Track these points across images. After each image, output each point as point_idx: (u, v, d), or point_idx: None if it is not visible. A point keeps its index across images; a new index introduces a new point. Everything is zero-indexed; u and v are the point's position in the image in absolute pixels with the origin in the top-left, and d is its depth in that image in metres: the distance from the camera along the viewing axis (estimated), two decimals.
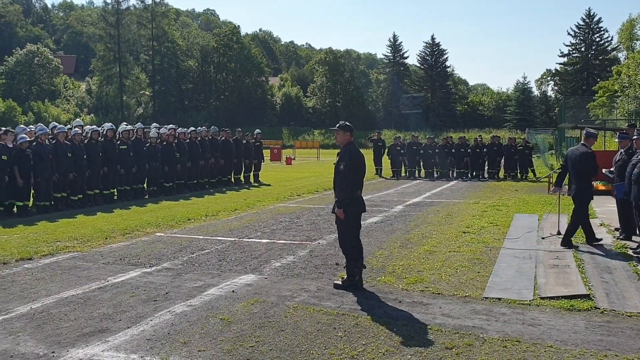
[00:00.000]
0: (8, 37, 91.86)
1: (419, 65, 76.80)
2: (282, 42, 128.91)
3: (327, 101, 74.10)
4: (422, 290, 6.49)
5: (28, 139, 12.23)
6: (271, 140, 46.48)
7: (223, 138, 19.23)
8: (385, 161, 24.20)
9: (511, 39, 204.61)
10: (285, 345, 4.88)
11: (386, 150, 24.41)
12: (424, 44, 76.19)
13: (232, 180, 19.72)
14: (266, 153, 25.90)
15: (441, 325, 5.32)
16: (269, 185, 19.62)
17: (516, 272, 7.28)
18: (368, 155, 9.15)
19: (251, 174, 20.68)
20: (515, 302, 6.07)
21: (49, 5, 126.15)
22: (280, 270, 7.49)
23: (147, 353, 4.69)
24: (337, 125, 6.64)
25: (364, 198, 6.81)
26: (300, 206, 14.00)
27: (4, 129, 12.71)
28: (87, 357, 4.61)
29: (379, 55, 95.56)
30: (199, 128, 19.09)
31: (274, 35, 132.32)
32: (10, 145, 12.03)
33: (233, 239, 9.63)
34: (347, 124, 6.62)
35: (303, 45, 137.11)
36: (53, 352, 4.73)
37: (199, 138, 17.93)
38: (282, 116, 73.30)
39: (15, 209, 12.21)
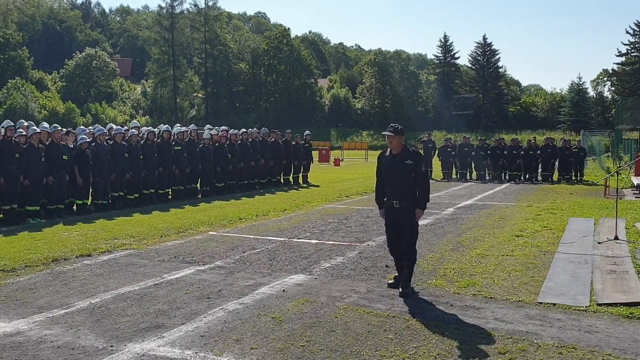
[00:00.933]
0: (68, 42, 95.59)
1: (470, 65, 75.52)
2: (332, 44, 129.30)
3: (375, 102, 73.80)
4: (474, 294, 6.40)
5: (88, 140, 12.70)
6: (320, 142, 46.63)
7: (273, 139, 19.45)
8: (436, 163, 23.92)
9: (566, 39, 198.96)
10: (336, 345, 4.90)
11: (436, 152, 24.12)
12: (476, 44, 74.85)
13: (282, 181, 19.91)
14: (315, 154, 26.01)
15: (494, 330, 5.23)
16: (317, 186, 19.71)
17: (571, 277, 7.08)
18: None
19: (300, 175, 20.83)
20: (571, 308, 5.91)
21: (107, 10, 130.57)
22: (329, 271, 7.52)
23: (201, 349, 4.80)
24: (391, 129, 6.38)
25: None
26: (348, 207, 14.01)
27: (65, 130, 13.26)
28: (144, 352, 4.76)
29: (429, 56, 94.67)
30: (250, 129, 19.37)
31: (324, 37, 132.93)
32: (71, 146, 12.51)
33: (283, 239, 9.73)
34: (401, 127, 6.46)
35: (352, 46, 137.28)
36: (111, 346, 4.90)
37: (250, 139, 18.19)
38: (330, 117, 73.45)
39: (75, 207, 12.70)
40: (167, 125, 16.36)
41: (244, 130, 18.75)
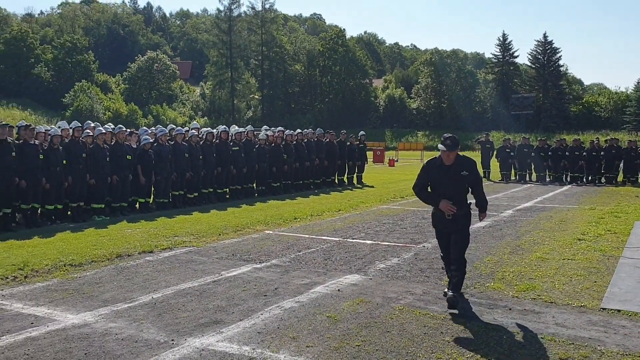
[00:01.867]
0: (131, 45, 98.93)
1: (529, 64, 73.42)
2: (387, 44, 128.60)
3: (431, 102, 72.86)
4: (534, 299, 6.25)
5: (150, 140, 13.13)
6: (374, 142, 46.47)
7: (328, 140, 19.55)
8: (494, 164, 23.42)
9: (630, 36, 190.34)
10: (392, 346, 4.90)
11: (495, 153, 23.62)
12: (536, 42, 72.61)
13: (336, 181, 19.98)
14: (369, 155, 25.94)
15: (554, 335, 5.10)
16: (372, 186, 19.66)
17: (637, 283, 6.81)
18: (476, 157, 8.87)
19: (354, 175, 20.84)
20: (637, 314, 5.68)
21: (167, 14, 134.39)
22: (384, 271, 7.51)
23: (258, 346, 4.90)
24: (448, 143, 5.96)
25: (471, 202, 6.69)
26: (403, 208, 13.92)
27: (129, 130, 13.76)
28: (203, 347, 4.89)
29: (487, 55, 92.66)
30: (305, 130, 19.52)
31: (379, 37, 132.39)
32: (135, 146, 12.97)
33: (337, 239, 9.77)
34: (457, 138, 6.10)
35: (408, 46, 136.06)
36: (172, 340, 5.06)
37: (305, 140, 18.35)
38: (385, 118, 73.04)
39: (137, 205, 13.15)
40: (224, 126, 16.71)
41: (299, 130, 18.92)
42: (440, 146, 6.06)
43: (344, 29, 78.33)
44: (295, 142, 17.85)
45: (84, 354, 4.72)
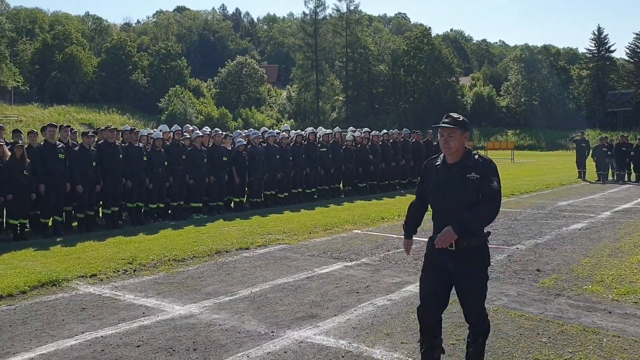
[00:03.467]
0: (221, 51, 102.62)
1: (627, 59, 69.33)
2: (474, 41, 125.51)
3: (522, 100, 70.38)
4: (636, 302, 6.02)
5: (244, 143, 13.70)
6: None
7: (414, 140, 19.46)
8: (589, 164, 22.37)
9: None
10: (487, 346, 4.90)
11: (591, 152, 22.56)
12: (635, 36, 68.55)
13: None
14: None
15: None
16: None
17: None
18: (570, 157, 8.61)
19: None
20: None
21: (255, 19, 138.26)
22: None
23: (354, 340, 5.07)
24: (447, 120, 4.12)
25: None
26: None
27: (224, 133, 14.42)
28: (302, 339, 5.13)
29: (581, 50, 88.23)
30: (391, 130, 19.53)
31: (466, 35, 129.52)
32: (229, 148, 13.57)
33: (426, 239, 9.75)
34: (464, 118, 4.17)
35: (496, 42, 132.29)
36: (272, 332, 5.34)
37: (391, 140, 18.37)
38: (473, 116, 71.13)
39: (232, 205, 13.75)
40: (312, 128, 17.08)
41: (385, 131, 18.97)
42: (435, 125, 4.33)
43: (429, 27, 77.39)
44: (381, 142, 17.92)
45: (192, 342, 5.09)
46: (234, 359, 4.70)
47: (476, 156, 4.09)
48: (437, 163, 4.18)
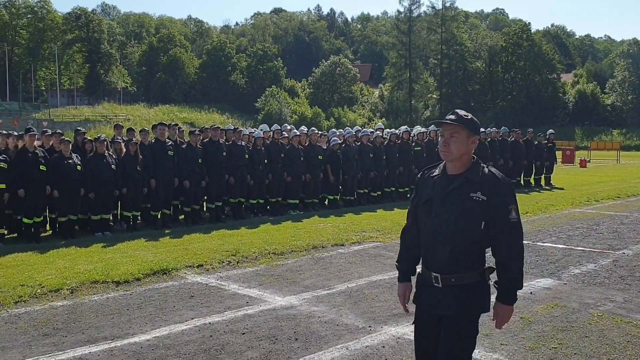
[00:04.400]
0: (315, 51, 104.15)
1: None
2: (577, 36, 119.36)
3: (629, 98, 65.95)
4: None
5: (339, 142, 13.93)
6: (562, 141, 43.47)
7: (513, 139, 18.87)
8: None
9: None
10: (591, 351, 4.78)
11: None
12: None
13: (522, 182, 19.20)
14: (558, 155, 24.42)
15: None
16: (561, 188, 18.55)
17: None
18: None
19: (542, 176, 19.81)
20: None
21: (349, 19, 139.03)
22: (580, 277, 7.22)
23: None
24: (452, 117, 3.19)
25: None
26: (599, 212, 13.00)
27: (320, 132, 14.71)
28: (399, 335, 5.22)
29: None
30: (488, 129, 19.06)
31: (567, 30, 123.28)
32: (325, 147, 13.83)
33: (526, 242, 9.51)
34: (474, 118, 3.23)
35: (600, 37, 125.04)
36: (370, 326, 5.47)
37: (488, 139, 17.93)
38: (575, 115, 67.78)
39: (326, 202, 14.02)
40: (406, 127, 17.01)
41: (482, 130, 18.54)
42: (436, 121, 3.67)
43: (528, 23, 74.43)
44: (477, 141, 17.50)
45: (293, 332, 5.32)
46: (333, 351, 4.87)
47: (486, 170, 3.14)
48: (435, 173, 3.26)
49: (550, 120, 62.24)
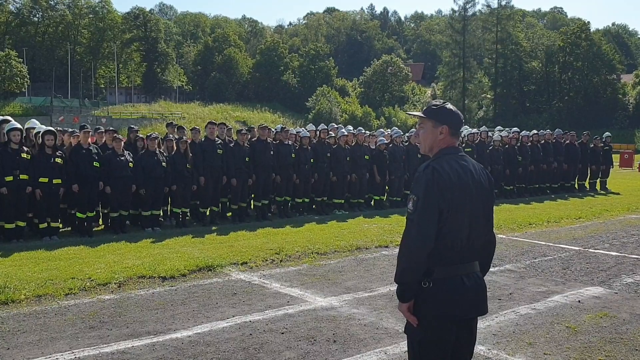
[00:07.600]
0: (367, 50, 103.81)
1: None
2: (639, 36, 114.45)
3: None
4: None
5: (386, 142, 13.83)
6: (621, 145, 41.89)
7: (568, 141, 18.28)
8: None
9: None
10: None
11: None
12: None
13: (576, 186, 18.59)
14: (615, 158, 23.53)
15: None
16: (617, 193, 17.86)
17: None
18: None
19: (597, 180, 19.12)
20: None
21: (402, 18, 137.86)
22: (632, 286, 6.93)
23: (493, 347, 4.99)
24: (428, 109, 3.15)
25: None
26: None
27: (368, 132, 14.66)
28: None
29: None
30: (542, 131, 18.53)
31: (629, 29, 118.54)
32: (372, 147, 13.77)
33: (577, 248, 9.22)
34: (443, 108, 3.12)
35: None
36: None
37: (542, 141, 17.44)
38: (635, 117, 64.85)
39: (372, 203, 13.95)
40: None
41: (535, 131, 18.05)
42: (410, 113, 3.62)
43: (588, 22, 71.81)
44: (530, 143, 17.09)
45: (332, 334, 5.32)
46: (371, 355, 4.84)
47: (438, 159, 3.05)
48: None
49: (609, 123, 59.96)
